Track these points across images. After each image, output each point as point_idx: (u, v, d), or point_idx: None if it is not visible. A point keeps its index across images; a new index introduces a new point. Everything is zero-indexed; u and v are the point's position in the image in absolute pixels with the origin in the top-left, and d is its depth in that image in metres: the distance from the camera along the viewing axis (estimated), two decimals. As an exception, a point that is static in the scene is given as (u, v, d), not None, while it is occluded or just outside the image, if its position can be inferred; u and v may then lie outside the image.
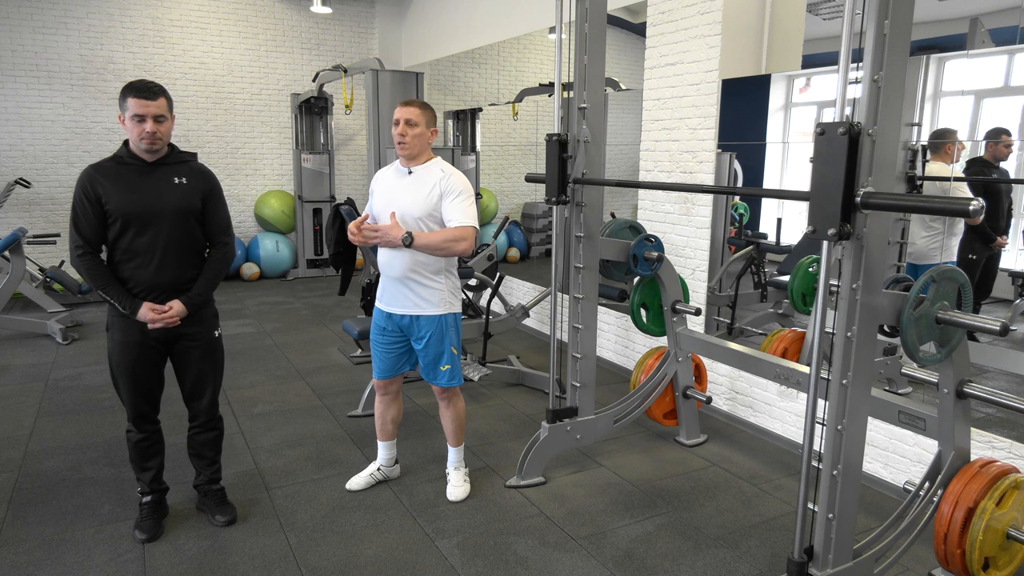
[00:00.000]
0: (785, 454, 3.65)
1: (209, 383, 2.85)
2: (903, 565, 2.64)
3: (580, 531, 2.87)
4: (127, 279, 2.60)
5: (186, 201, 2.64)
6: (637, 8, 4.80)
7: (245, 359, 5.18)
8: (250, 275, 8.15)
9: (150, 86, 2.52)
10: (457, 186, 2.79)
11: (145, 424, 2.78)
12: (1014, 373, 3.23)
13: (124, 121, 2.54)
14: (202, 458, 2.93)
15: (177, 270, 2.64)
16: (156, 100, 2.51)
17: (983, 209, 1.64)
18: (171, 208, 2.60)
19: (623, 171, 5.59)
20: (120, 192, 2.55)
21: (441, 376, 2.97)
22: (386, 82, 6.72)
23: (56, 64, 7.34)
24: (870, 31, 1.79)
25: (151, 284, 2.60)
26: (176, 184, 2.63)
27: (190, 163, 2.72)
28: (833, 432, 2.03)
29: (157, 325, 2.60)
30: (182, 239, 2.64)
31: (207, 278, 2.74)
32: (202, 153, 8.17)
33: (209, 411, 2.89)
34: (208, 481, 2.95)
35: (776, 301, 4.39)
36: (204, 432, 2.90)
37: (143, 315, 2.57)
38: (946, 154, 3.29)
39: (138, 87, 2.50)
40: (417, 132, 2.78)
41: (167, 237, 2.60)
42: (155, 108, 2.51)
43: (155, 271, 2.60)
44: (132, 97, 2.47)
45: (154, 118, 2.51)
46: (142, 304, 2.58)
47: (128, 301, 2.57)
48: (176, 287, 2.65)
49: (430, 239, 2.71)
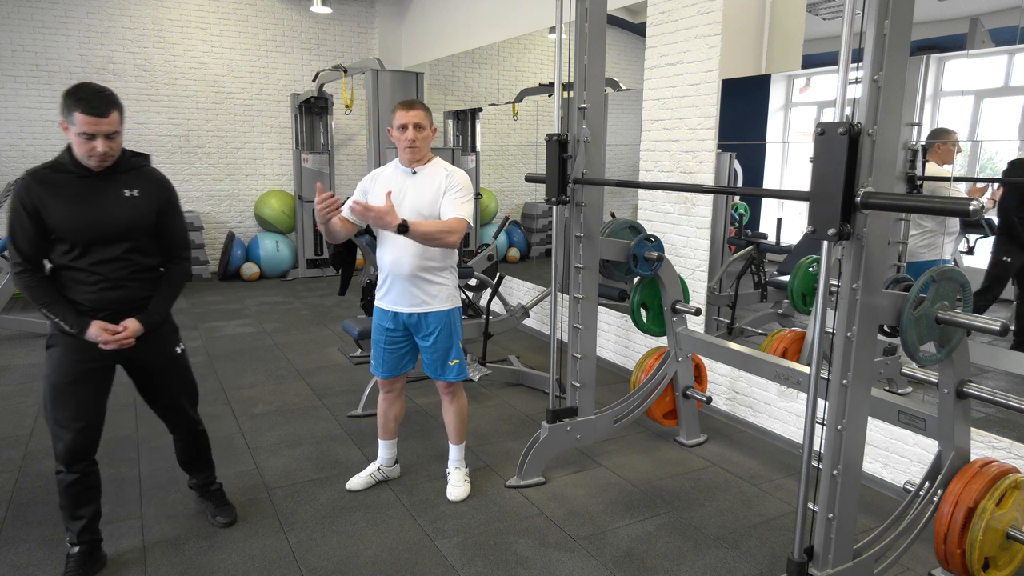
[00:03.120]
0: (785, 454, 3.65)
1: (181, 401, 2.65)
2: (903, 565, 2.64)
3: (580, 531, 2.87)
4: (73, 298, 2.32)
5: (138, 217, 2.35)
6: (637, 8, 4.79)
7: (245, 359, 5.18)
8: (250, 275, 8.15)
9: (101, 98, 2.17)
10: (458, 183, 2.84)
11: (79, 463, 2.41)
12: (1014, 373, 3.23)
13: (67, 130, 2.20)
14: (190, 466, 2.83)
15: (131, 289, 2.38)
16: (108, 117, 2.18)
17: (983, 209, 1.64)
18: (121, 226, 2.31)
19: (623, 171, 5.59)
20: (61, 207, 2.24)
21: (450, 371, 2.99)
22: (386, 82, 6.72)
23: (56, 64, 7.34)
24: (870, 31, 1.79)
25: (102, 303, 2.33)
26: (127, 198, 2.33)
27: (142, 170, 2.41)
28: (833, 432, 2.03)
29: (110, 346, 2.33)
30: (134, 258, 2.37)
31: (165, 294, 2.48)
32: (202, 153, 8.19)
33: (186, 427, 2.72)
34: (204, 483, 2.88)
35: (776, 301, 4.39)
36: (187, 446, 2.77)
37: (92, 335, 2.30)
38: (936, 153, 3.29)
39: (87, 100, 2.15)
40: (425, 135, 2.82)
41: (118, 257, 2.33)
42: (106, 125, 2.19)
43: (105, 290, 2.33)
44: (80, 113, 2.14)
45: (105, 136, 2.20)
46: (91, 322, 2.30)
47: (75, 319, 2.29)
48: (130, 305, 2.39)
49: (426, 228, 2.70)
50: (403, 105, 2.81)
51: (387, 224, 2.63)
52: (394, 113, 2.82)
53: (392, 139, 2.85)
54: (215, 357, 5.21)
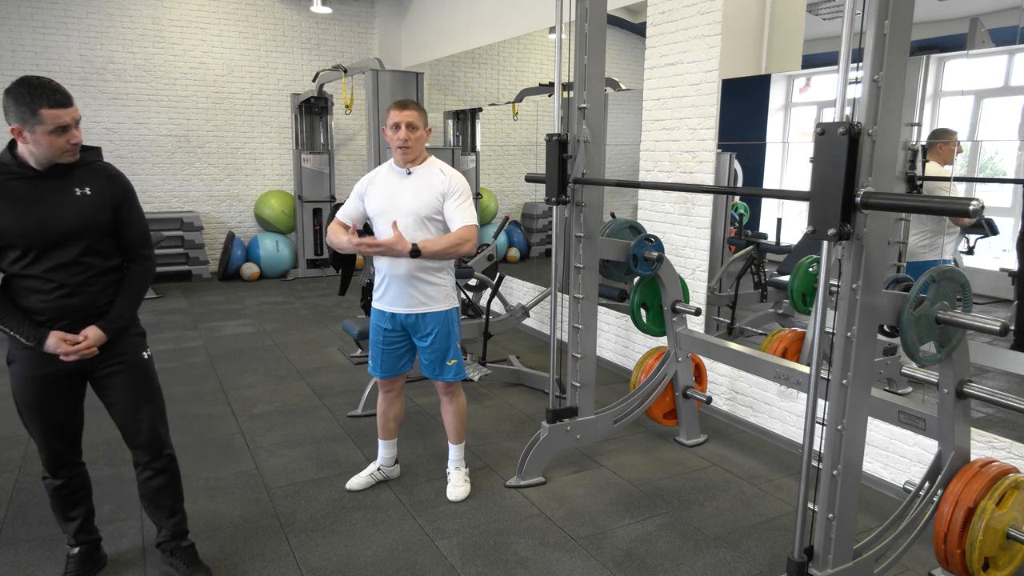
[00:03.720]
0: (785, 454, 3.65)
1: (145, 414, 2.36)
2: (903, 565, 2.64)
3: (580, 531, 2.87)
4: (29, 308, 2.15)
5: (92, 216, 2.17)
6: (637, 8, 4.79)
7: (245, 359, 5.18)
8: (250, 275, 8.15)
9: (57, 87, 2.05)
10: (458, 187, 2.84)
11: (63, 468, 2.35)
12: (1014, 373, 3.23)
13: (24, 135, 2.04)
14: (159, 508, 2.46)
15: (90, 294, 2.20)
16: (73, 104, 2.08)
17: (983, 209, 1.64)
18: (74, 227, 2.14)
19: (623, 171, 5.59)
20: (8, 212, 2.08)
21: (448, 371, 2.99)
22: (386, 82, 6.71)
23: (56, 64, 7.33)
24: (870, 31, 1.79)
25: (60, 311, 2.17)
26: (78, 196, 2.16)
27: (93, 165, 2.23)
28: (833, 432, 2.03)
29: (71, 357, 2.16)
30: (91, 260, 2.19)
31: (128, 297, 2.29)
32: (202, 153, 8.19)
33: (152, 447, 2.39)
34: (172, 537, 2.49)
35: (776, 301, 4.39)
36: (154, 477, 2.42)
37: (52, 346, 2.14)
38: (937, 153, 3.29)
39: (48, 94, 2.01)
40: (418, 135, 2.82)
41: (74, 260, 2.15)
42: (75, 112, 2.09)
43: (64, 297, 2.16)
44: (49, 108, 2.00)
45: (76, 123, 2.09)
46: (49, 334, 2.14)
47: (31, 331, 2.13)
48: (90, 312, 2.21)
49: (436, 246, 2.75)
50: (396, 105, 2.81)
51: (399, 253, 2.67)
52: (388, 113, 2.82)
53: (387, 139, 2.85)
54: (215, 357, 5.21)
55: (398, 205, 2.81)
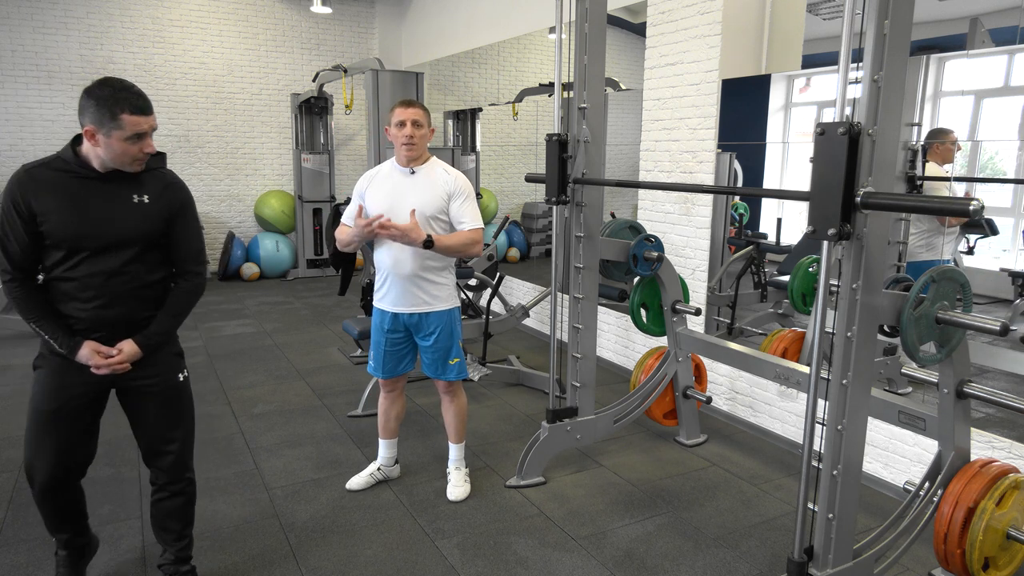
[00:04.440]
0: (785, 454, 3.65)
1: (174, 439, 2.25)
2: (903, 565, 2.64)
3: (580, 531, 2.87)
4: (67, 314, 2.06)
5: (147, 226, 2.09)
6: (637, 8, 4.80)
7: (245, 359, 5.18)
8: (250, 275, 8.15)
9: (140, 93, 2.00)
10: (464, 188, 2.87)
11: (57, 494, 2.19)
12: (1014, 373, 3.23)
13: (97, 138, 1.96)
14: (167, 531, 2.34)
15: (130, 306, 2.10)
16: (153, 113, 2.03)
17: (983, 209, 1.64)
18: (127, 235, 2.05)
19: (623, 171, 5.59)
20: (62, 211, 1.99)
21: (450, 370, 3.00)
22: (386, 82, 6.72)
23: (56, 64, 7.34)
24: (870, 31, 1.79)
25: (96, 321, 2.07)
26: (136, 204, 2.07)
27: (155, 172, 2.15)
28: (833, 432, 2.03)
29: (103, 371, 2.07)
30: (138, 271, 2.10)
31: (171, 314, 2.18)
32: (202, 153, 8.19)
33: (173, 472, 2.27)
34: (175, 561, 2.37)
35: (776, 301, 4.39)
36: (169, 499, 2.30)
37: (84, 356, 2.04)
38: (936, 153, 3.29)
39: (131, 99, 1.95)
40: (423, 133, 2.83)
41: (119, 269, 2.06)
42: (154, 120, 2.04)
43: (102, 307, 2.06)
44: (130, 114, 1.94)
45: (153, 131, 2.05)
46: (83, 343, 2.05)
47: (65, 339, 2.04)
48: (128, 325, 2.11)
49: (450, 242, 2.79)
50: (402, 103, 2.82)
51: (413, 240, 2.69)
52: (392, 111, 2.82)
53: (389, 138, 2.85)
54: (215, 357, 5.21)
55: (402, 204, 2.80)
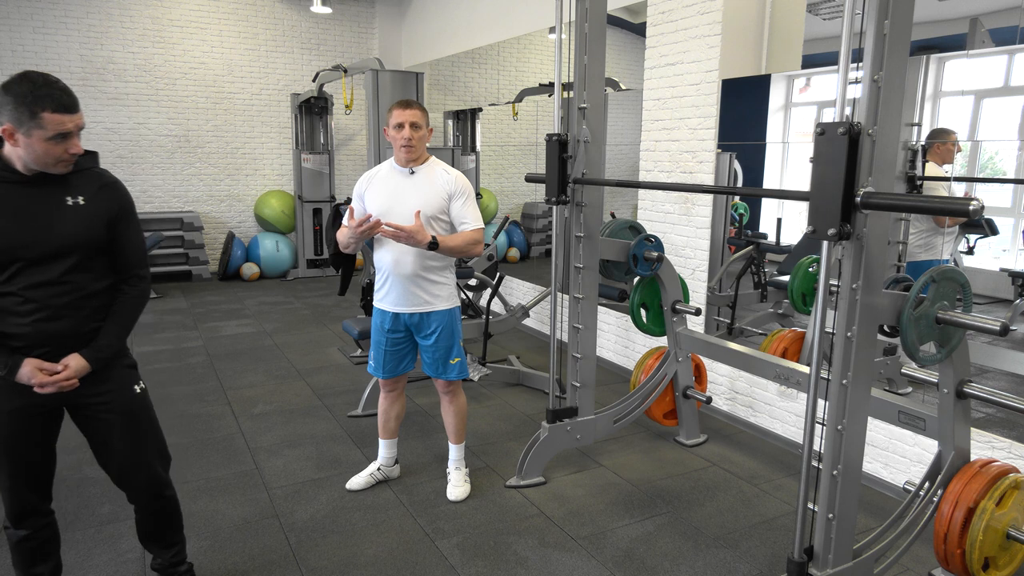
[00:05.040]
0: (785, 454, 3.65)
1: (142, 458, 2.10)
2: (903, 565, 2.64)
3: (580, 531, 2.87)
4: (4, 331, 1.89)
5: (84, 230, 1.92)
6: (637, 8, 4.80)
7: (245, 359, 5.18)
8: (250, 275, 8.15)
9: (64, 89, 1.82)
10: (465, 188, 2.88)
11: (30, 519, 2.06)
12: (1014, 373, 3.23)
13: (16, 137, 1.79)
14: (156, 541, 2.26)
15: (75, 318, 1.93)
16: (79, 110, 1.85)
17: (983, 209, 1.64)
18: (66, 241, 1.89)
19: (623, 171, 5.59)
20: None
21: (451, 370, 3.00)
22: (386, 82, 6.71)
23: (56, 64, 7.33)
24: (870, 31, 1.79)
25: (38, 337, 1.89)
26: (70, 207, 1.91)
27: (89, 172, 1.98)
28: (833, 432, 2.03)
29: (48, 389, 1.89)
30: (81, 280, 1.94)
31: (119, 324, 2.02)
32: (202, 153, 8.19)
33: (150, 490, 2.14)
34: (170, 564, 2.30)
35: (776, 301, 4.39)
36: (151, 516, 2.20)
37: (26, 375, 1.87)
38: (936, 153, 3.30)
39: (54, 95, 1.78)
40: (421, 135, 2.83)
41: (60, 279, 1.89)
42: (80, 119, 1.85)
43: (43, 320, 1.89)
44: (51, 112, 1.77)
45: (79, 131, 1.86)
46: (24, 361, 1.87)
47: (4, 358, 1.87)
48: (74, 339, 1.94)
49: (453, 242, 2.80)
50: (400, 104, 2.81)
51: (419, 242, 2.70)
52: (390, 112, 2.82)
53: (388, 138, 2.85)
54: (215, 357, 5.21)
55: (403, 204, 2.81)
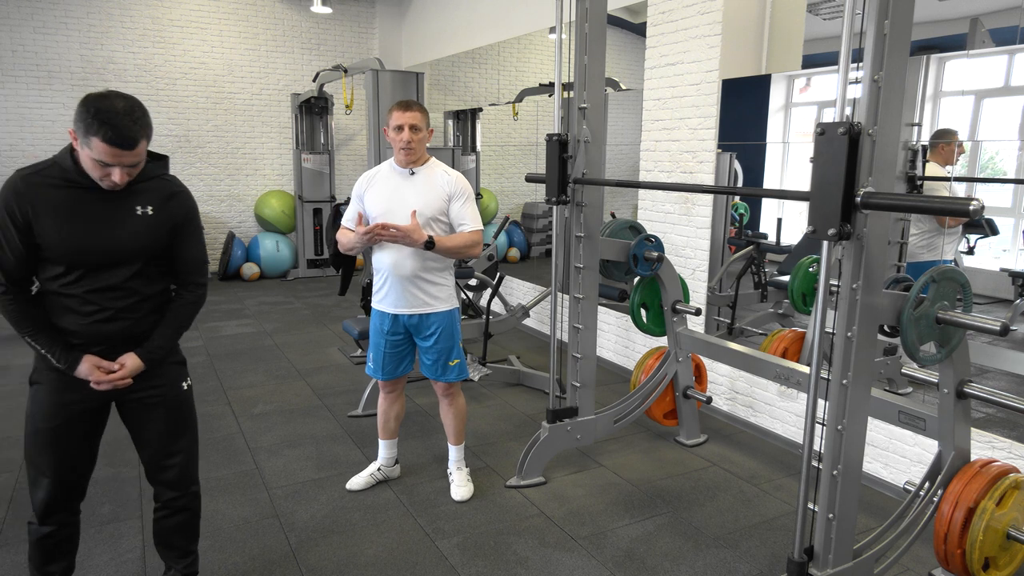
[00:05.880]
0: (785, 454, 3.65)
1: (178, 451, 2.14)
2: (903, 565, 2.64)
3: (580, 531, 2.87)
4: (64, 328, 1.94)
5: (150, 239, 1.96)
6: (637, 8, 4.80)
7: (245, 359, 5.18)
8: (250, 275, 8.15)
9: (130, 121, 1.78)
10: (464, 189, 2.87)
11: (58, 515, 2.08)
12: (1014, 373, 3.23)
13: (78, 142, 1.81)
14: (171, 548, 2.25)
15: (131, 320, 1.99)
16: (135, 148, 1.81)
17: (983, 209, 1.64)
18: (130, 250, 1.93)
19: (623, 171, 5.59)
20: (59, 224, 1.85)
21: (451, 371, 3.00)
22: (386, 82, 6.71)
23: (56, 64, 7.34)
24: (870, 31, 1.79)
25: (96, 335, 1.95)
26: (139, 216, 1.94)
27: (159, 180, 2.02)
28: (833, 432, 2.03)
29: (104, 387, 1.96)
30: (140, 285, 1.98)
31: (172, 327, 2.07)
32: (202, 153, 8.19)
33: (178, 485, 2.17)
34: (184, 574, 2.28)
35: (776, 301, 4.39)
36: (173, 515, 2.20)
37: (84, 372, 1.93)
38: (940, 154, 3.30)
39: (114, 125, 1.75)
40: (420, 137, 2.82)
41: (121, 284, 1.94)
42: (131, 157, 1.82)
43: (102, 321, 1.94)
44: (102, 141, 1.76)
45: (128, 168, 1.85)
46: (83, 357, 1.93)
47: (64, 353, 1.92)
48: (129, 339, 2.00)
49: (451, 243, 2.79)
50: (399, 106, 2.80)
51: (414, 241, 2.68)
52: (390, 113, 2.81)
53: (388, 139, 2.84)
54: (215, 357, 5.21)
55: (402, 205, 2.80)
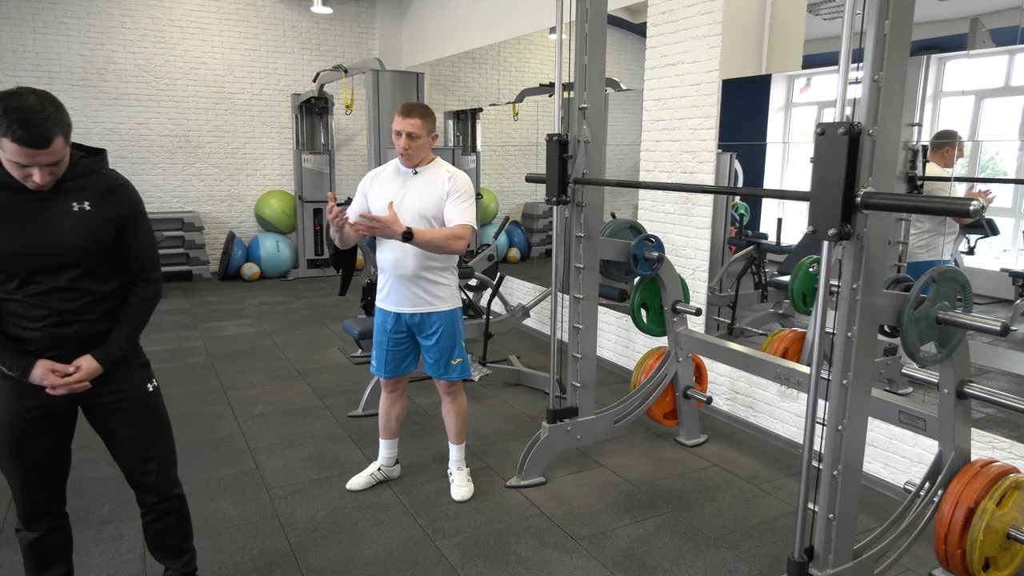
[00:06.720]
0: (785, 454, 3.65)
1: (153, 456, 2.09)
2: (903, 565, 2.64)
3: (580, 531, 2.87)
4: (15, 337, 1.87)
5: (91, 236, 1.87)
6: (637, 8, 4.80)
7: (245, 359, 5.18)
8: (250, 275, 8.15)
9: (39, 120, 1.65)
10: (460, 187, 2.85)
11: (42, 520, 2.03)
12: (1014, 373, 3.23)
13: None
14: (165, 550, 2.21)
15: (85, 323, 1.91)
16: (49, 146, 1.69)
17: (983, 209, 1.64)
18: (72, 250, 1.84)
19: (623, 171, 5.59)
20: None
21: (453, 370, 3.00)
22: (386, 82, 6.72)
23: (57, 64, 7.34)
24: (870, 31, 1.79)
25: (50, 340, 1.87)
26: (76, 213, 1.85)
27: (96, 174, 1.91)
28: (833, 432, 2.03)
29: (59, 391, 1.87)
30: (90, 284, 1.90)
31: (128, 326, 1.99)
32: (202, 153, 8.19)
33: (159, 490, 2.12)
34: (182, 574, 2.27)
35: (776, 301, 4.39)
36: (160, 519, 2.16)
37: (38, 377, 1.85)
38: (942, 155, 3.30)
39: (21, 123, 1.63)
40: (418, 144, 2.81)
41: (68, 286, 1.86)
42: (46, 156, 1.70)
43: (54, 325, 1.86)
44: (10, 141, 1.65)
45: (48, 167, 1.74)
46: (36, 363, 1.85)
47: (16, 359, 1.84)
48: (86, 341, 1.92)
49: (431, 235, 2.73)
50: (401, 111, 2.79)
51: (392, 233, 2.65)
52: (395, 114, 2.82)
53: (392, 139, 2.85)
54: (215, 357, 5.21)
55: (404, 204, 2.81)
